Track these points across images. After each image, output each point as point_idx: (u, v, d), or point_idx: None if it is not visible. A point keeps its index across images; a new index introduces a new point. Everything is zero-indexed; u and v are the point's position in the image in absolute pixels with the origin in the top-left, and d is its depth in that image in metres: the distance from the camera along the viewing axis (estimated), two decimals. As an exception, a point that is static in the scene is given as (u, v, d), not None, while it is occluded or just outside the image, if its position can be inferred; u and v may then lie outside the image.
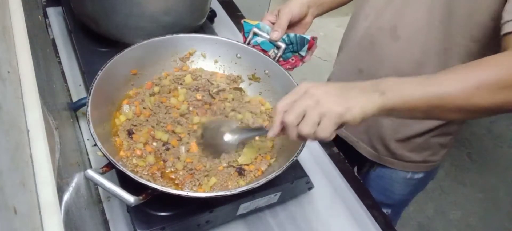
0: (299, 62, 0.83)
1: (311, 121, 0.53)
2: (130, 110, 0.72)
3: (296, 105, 0.55)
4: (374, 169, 0.98)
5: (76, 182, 0.54)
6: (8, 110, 0.35)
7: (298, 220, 0.75)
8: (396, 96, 0.54)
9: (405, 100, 0.54)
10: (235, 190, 0.58)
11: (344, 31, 0.99)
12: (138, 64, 0.76)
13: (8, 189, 0.28)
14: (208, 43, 0.83)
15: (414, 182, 0.97)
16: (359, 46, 0.87)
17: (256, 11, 2.08)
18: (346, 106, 0.53)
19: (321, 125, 0.53)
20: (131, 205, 0.53)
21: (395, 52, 0.80)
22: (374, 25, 0.82)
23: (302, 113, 0.54)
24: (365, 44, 0.85)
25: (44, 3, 1.06)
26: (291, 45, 0.80)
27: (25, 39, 0.46)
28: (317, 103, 0.53)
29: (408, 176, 0.95)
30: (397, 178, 0.95)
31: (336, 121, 0.53)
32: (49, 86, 0.60)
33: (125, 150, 0.66)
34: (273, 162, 0.70)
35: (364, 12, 0.84)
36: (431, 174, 0.98)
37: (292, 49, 0.81)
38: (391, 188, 0.98)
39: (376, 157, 0.94)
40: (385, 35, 0.80)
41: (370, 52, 0.84)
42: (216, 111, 0.76)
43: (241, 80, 0.83)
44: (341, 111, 0.52)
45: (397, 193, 0.98)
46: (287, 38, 0.79)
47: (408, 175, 0.94)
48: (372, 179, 1.00)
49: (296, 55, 0.82)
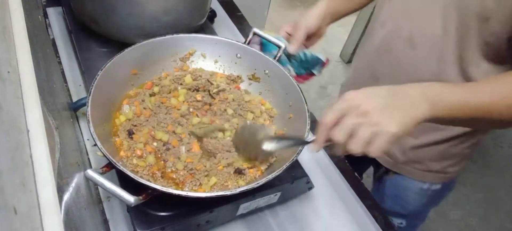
0: (310, 77, 0.84)
1: (362, 139, 0.51)
2: (130, 110, 0.72)
3: (345, 122, 0.52)
4: (389, 177, 0.94)
5: (76, 182, 0.54)
6: (8, 110, 0.35)
7: (298, 220, 0.75)
8: (445, 108, 0.53)
9: (452, 111, 0.53)
10: (235, 190, 0.58)
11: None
12: (138, 64, 0.76)
13: (8, 189, 0.28)
14: (208, 43, 0.83)
15: (430, 193, 0.92)
16: (376, 54, 0.85)
17: (256, 11, 2.08)
18: (400, 124, 0.51)
19: (374, 144, 0.51)
20: (131, 205, 0.53)
21: (413, 60, 0.77)
22: (391, 33, 0.80)
23: (351, 130, 0.51)
24: (382, 52, 0.83)
25: (44, 3, 1.06)
26: (305, 62, 0.81)
27: (25, 39, 0.46)
28: (368, 121, 0.51)
29: (425, 187, 0.91)
30: (413, 187, 0.92)
31: (391, 141, 0.51)
32: (49, 86, 0.59)
33: (125, 150, 0.66)
34: (273, 161, 0.70)
35: (381, 20, 0.83)
36: (448, 186, 0.94)
37: (306, 66, 0.82)
38: (406, 198, 0.94)
39: (393, 164, 0.91)
40: (402, 44, 0.78)
41: (387, 60, 0.82)
42: (216, 111, 0.76)
43: (241, 80, 0.83)
44: (396, 132, 0.50)
45: (412, 203, 0.94)
46: (303, 56, 0.80)
47: (425, 186, 0.91)
48: (387, 187, 0.96)
49: (308, 72, 0.83)
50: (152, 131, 0.69)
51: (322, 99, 2.59)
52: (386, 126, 0.50)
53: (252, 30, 0.81)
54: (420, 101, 0.53)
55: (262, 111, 0.78)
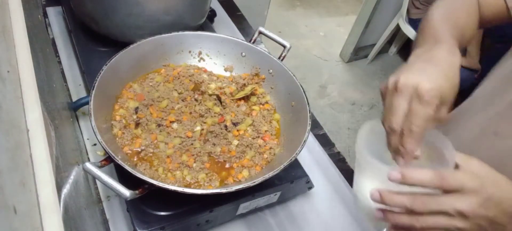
0: None
1: None
2: (131, 111, 0.72)
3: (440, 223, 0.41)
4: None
5: (76, 181, 0.54)
6: (8, 110, 0.35)
7: (298, 219, 0.75)
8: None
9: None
10: (232, 187, 0.58)
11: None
12: (142, 61, 0.77)
13: (8, 188, 0.28)
14: (213, 41, 0.83)
15: None
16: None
17: (256, 10, 2.08)
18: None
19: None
20: (127, 199, 0.53)
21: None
22: None
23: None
24: None
25: (44, 3, 1.06)
26: None
27: (25, 38, 0.46)
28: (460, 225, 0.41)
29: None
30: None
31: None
32: (49, 86, 0.59)
33: (128, 146, 0.66)
34: (273, 161, 0.70)
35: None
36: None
37: None
38: None
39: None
40: None
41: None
42: (220, 111, 0.76)
43: (261, 79, 0.83)
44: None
45: None
46: None
47: None
48: None
49: None
50: (154, 131, 0.69)
51: (322, 99, 2.59)
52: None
53: (258, 29, 0.81)
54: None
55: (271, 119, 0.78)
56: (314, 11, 3.38)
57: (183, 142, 0.69)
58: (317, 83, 2.67)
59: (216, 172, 0.67)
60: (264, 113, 0.78)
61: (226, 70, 0.84)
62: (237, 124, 0.74)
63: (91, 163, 0.54)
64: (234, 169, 0.68)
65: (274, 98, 0.81)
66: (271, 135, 0.74)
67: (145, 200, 0.60)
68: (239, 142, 0.71)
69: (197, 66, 0.83)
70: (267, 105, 0.80)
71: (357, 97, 2.67)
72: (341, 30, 3.07)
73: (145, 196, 0.56)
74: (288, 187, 0.71)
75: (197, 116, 0.74)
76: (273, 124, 0.77)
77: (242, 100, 0.79)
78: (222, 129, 0.72)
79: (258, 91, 0.80)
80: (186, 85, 0.78)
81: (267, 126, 0.76)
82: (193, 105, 0.75)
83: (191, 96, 0.76)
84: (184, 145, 0.68)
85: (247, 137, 0.72)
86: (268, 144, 0.72)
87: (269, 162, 0.70)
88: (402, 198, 0.43)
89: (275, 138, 0.74)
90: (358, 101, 2.64)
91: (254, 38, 0.82)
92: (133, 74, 0.76)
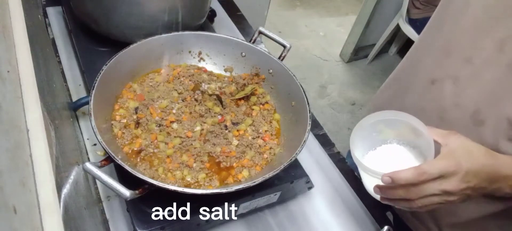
0: None
1: (429, 207, 0.53)
2: (131, 111, 0.72)
3: (429, 197, 0.52)
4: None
5: (76, 181, 0.54)
6: (8, 110, 0.35)
7: (298, 219, 0.75)
8: None
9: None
10: (232, 187, 0.58)
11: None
12: (142, 61, 0.77)
13: (8, 188, 0.28)
14: (213, 41, 0.83)
15: None
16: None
17: (255, 10, 2.08)
18: None
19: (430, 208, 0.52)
20: (127, 199, 0.53)
21: None
22: None
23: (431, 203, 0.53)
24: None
25: (44, 3, 1.06)
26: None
27: (25, 38, 0.46)
28: (448, 201, 0.52)
29: None
30: None
31: None
32: (49, 86, 0.59)
33: (128, 146, 0.66)
34: (273, 161, 0.70)
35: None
36: None
37: None
38: None
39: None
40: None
41: None
42: (220, 111, 0.76)
43: (262, 79, 0.83)
44: None
45: None
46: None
47: None
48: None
49: None
50: (154, 131, 0.69)
51: (322, 99, 2.59)
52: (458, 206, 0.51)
53: (258, 29, 0.81)
54: None
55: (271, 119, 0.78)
56: (314, 11, 3.38)
57: (183, 142, 0.69)
58: (317, 83, 2.68)
59: (216, 172, 0.67)
60: (264, 113, 0.78)
61: (226, 70, 0.84)
62: (237, 124, 0.74)
63: (91, 163, 0.54)
64: (234, 169, 0.68)
65: (274, 98, 0.81)
66: (271, 135, 0.74)
67: (145, 200, 0.60)
68: (239, 142, 0.71)
69: (197, 66, 0.83)
70: (267, 105, 0.80)
71: (357, 97, 2.67)
72: (341, 30, 3.07)
73: (145, 196, 0.56)
74: (288, 187, 0.71)
75: (197, 115, 0.74)
76: (273, 124, 0.77)
77: (242, 100, 0.79)
78: (222, 129, 0.72)
79: (258, 91, 0.80)
80: (186, 85, 0.78)
81: (267, 126, 0.76)
82: (193, 105, 0.75)
83: (191, 97, 0.76)
84: (184, 145, 0.68)
85: (247, 137, 0.72)
86: (268, 144, 0.72)
87: (269, 162, 0.70)
88: (398, 191, 0.53)
89: (275, 138, 0.74)
90: (358, 101, 2.64)
91: (254, 38, 0.82)
92: (133, 74, 0.76)
